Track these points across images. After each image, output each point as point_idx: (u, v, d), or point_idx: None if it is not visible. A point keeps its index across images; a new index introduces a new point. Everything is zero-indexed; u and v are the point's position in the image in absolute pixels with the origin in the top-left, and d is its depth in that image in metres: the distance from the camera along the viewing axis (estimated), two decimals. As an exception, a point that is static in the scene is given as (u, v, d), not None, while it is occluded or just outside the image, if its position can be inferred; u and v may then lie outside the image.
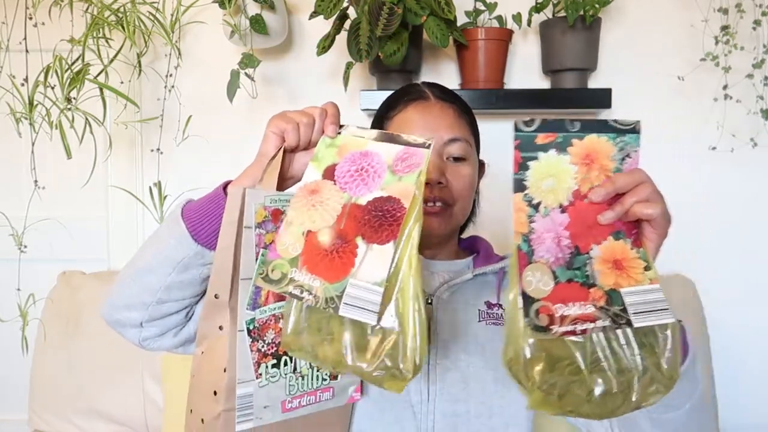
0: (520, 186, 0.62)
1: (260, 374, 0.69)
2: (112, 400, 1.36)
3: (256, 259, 0.68)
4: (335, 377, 0.76)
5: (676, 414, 0.70)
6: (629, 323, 0.58)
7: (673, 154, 1.51)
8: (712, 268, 1.52)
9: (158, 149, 1.45)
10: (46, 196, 1.36)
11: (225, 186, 0.76)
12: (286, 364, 0.71)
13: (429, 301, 0.88)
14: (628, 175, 0.62)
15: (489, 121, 1.54)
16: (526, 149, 0.63)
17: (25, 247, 1.38)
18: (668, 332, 0.59)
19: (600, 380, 0.58)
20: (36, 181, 1.34)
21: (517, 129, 0.63)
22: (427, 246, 0.94)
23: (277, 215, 0.70)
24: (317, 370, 0.74)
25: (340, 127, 0.72)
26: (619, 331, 0.59)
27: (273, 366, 0.70)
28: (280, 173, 0.75)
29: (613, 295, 0.59)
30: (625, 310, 0.59)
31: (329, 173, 0.69)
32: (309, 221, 0.66)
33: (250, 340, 0.69)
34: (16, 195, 1.50)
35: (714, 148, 1.48)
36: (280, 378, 0.71)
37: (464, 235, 1.06)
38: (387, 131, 0.74)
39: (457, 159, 0.90)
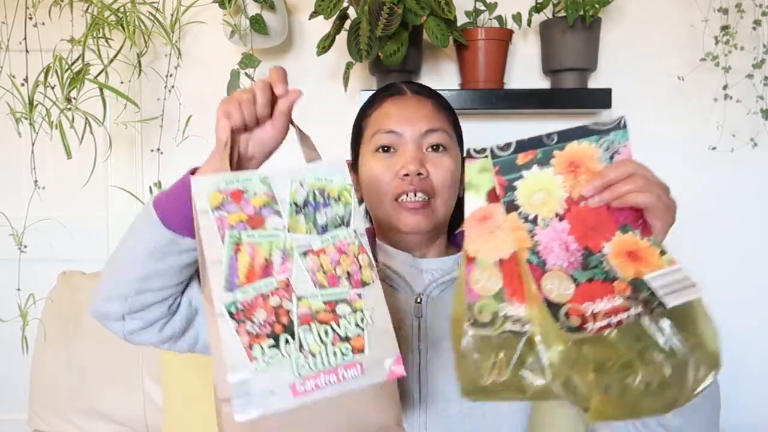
0: (512, 206, 0.62)
1: (255, 357, 0.62)
2: (112, 400, 1.36)
3: (223, 242, 0.64)
4: (360, 350, 0.65)
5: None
6: (662, 305, 0.58)
7: (673, 154, 1.51)
8: (712, 268, 1.52)
9: (158, 149, 1.45)
10: (46, 196, 1.36)
11: (193, 171, 0.76)
12: (287, 342, 0.63)
13: (418, 300, 0.88)
14: (617, 167, 0.62)
15: (489, 121, 1.54)
16: (508, 172, 0.63)
17: (25, 247, 1.38)
18: (701, 308, 0.59)
19: (652, 369, 0.57)
20: (36, 181, 1.34)
21: (494, 156, 0.63)
22: (414, 245, 0.93)
23: (237, 195, 0.66)
24: (333, 345, 0.64)
25: (478, 152, 0.66)
26: (653, 319, 0.58)
27: (271, 347, 0.63)
28: (240, 155, 0.74)
29: (637, 284, 0.59)
30: (653, 294, 0.58)
31: (493, 197, 0.65)
32: (495, 249, 0.63)
33: (235, 323, 0.63)
34: (16, 195, 1.50)
35: (714, 148, 1.48)
36: (283, 359, 0.63)
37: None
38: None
39: (436, 149, 0.89)
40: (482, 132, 1.55)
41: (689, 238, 1.51)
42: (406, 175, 0.86)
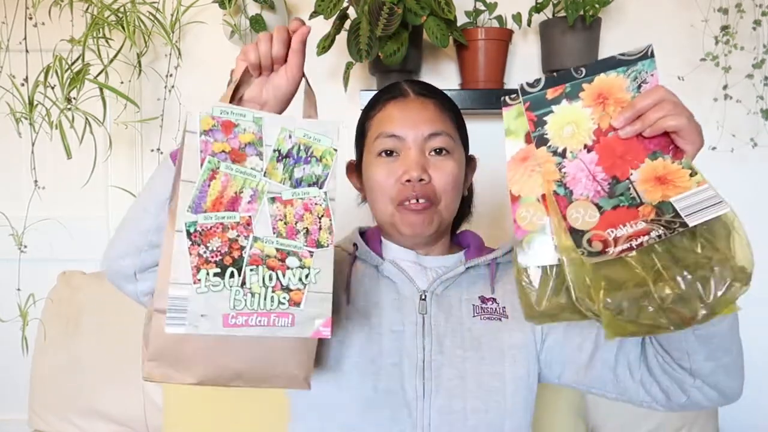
0: (541, 140, 0.64)
1: (199, 279, 0.66)
2: (112, 400, 1.36)
3: (201, 165, 0.67)
4: (297, 303, 0.68)
5: (718, 328, 0.73)
6: (684, 224, 0.59)
7: (673, 154, 1.52)
8: (712, 268, 1.52)
9: (158, 149, 1.45)
10: (46, 196, 1.36)
11: None
12: (232, 276, 0.67)
13: (422, 297, 0.89)
14: (647, 95, 0.63)
15: (489, 121, 1.54)
16: (537, 108, 0.64)
17: (25, 247, 1.38)
18: (731, 225, 0.61)
19: (667, 287, 0.59)
20: (36, 181, 1.34)
21: (523, 93, 0.65)
22: (418, 245, 0.94)
23: (228, 126, 0.69)
24: (273, 291, 0.67)
25: (513, 98, 0.68)
26: (678, 238, 0.60)
27: (216, 275, 0.66)
28: (254, 98, 0.77)
29: (663, 207, 0.61)
30: (677, 215, 0.60)
31: (529, 138, 0.67)
32: (537, 186, 0.65)
33: (190, 242, 0.66)
34: (16, 195, 1.50)
35: (714, 148, 1.48)
36: (224, 289, 0.66)
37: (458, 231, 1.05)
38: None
39: (439, 152, 0.89)
40: (482, 132, 1.55)
41: (689, 238, 1.51)
42: (408, 180, 0.86)
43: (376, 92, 0.98)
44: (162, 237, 0.75)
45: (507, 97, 0.66)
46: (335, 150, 0.72)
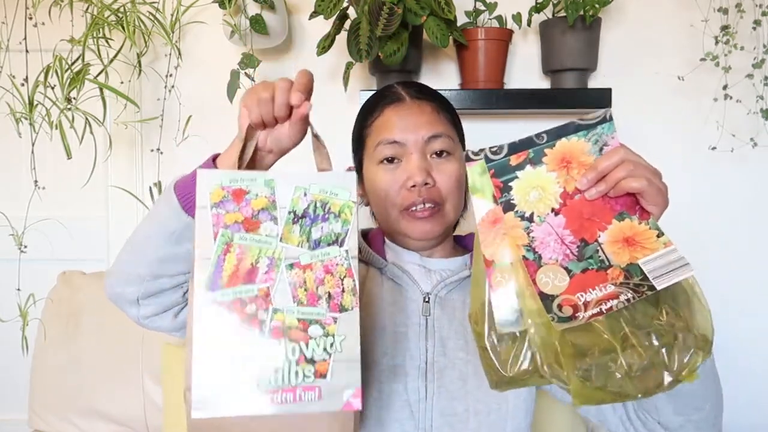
0: (508, 206, 0.64)
1: (221, 360, 0.63)
2: (112, 400, 1.36)
3: (215, 240, 0.64)
4: (323, 375, 0.65)
5: (687, 387, 0.70)
6: (652, 288, 0.59)
7: (673, 154, 1.51)
8: (712, 268, 1.52)
9: (158, 149, 1.45)
10: (46, 196, 1.36)
11: (214, 158, 0.75)
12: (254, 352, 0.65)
13: (426, 299, 0.89)
14: (608, 157, 0.64)
15: (489, 121, 1.54)
16: (502, 174, 0.65)
17: (25, 247, 1.38)
18: (691, 291, 0.61)
19: (635, 355, 0.59)
20: (36, 181, 1.34)
21: (487, 160, 0.65)
22: (423, 247, 0.94)
23: (239, 195, 0.66)
24: (297, 364, 0.64)
25: (476, 153, 0.67)
26: (643, 303, 0.60)
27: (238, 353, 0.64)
28: (258, 147, 0.74)
29: (631, 269, 0.61)
30: (645, 278, 0.60)
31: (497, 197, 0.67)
32: (508, 251, 0.64)
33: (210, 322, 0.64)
34: (16, 195, 1.50)
35: (714, 148, 1.48)
36: (247, 367, 0.64)
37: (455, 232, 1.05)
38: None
39: (440, 155, 0.89)
40: (482, 132, 1.54)
41: (689, 238, 1.50)
42: (413, 186, 0.86)
43: (370, 96, 0.98)
44: (165, 268, 0.75)
45: (470, 152, 0.66)
46: (354, 203, 0.68)
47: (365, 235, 0.99)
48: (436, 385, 0.84)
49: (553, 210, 0.64)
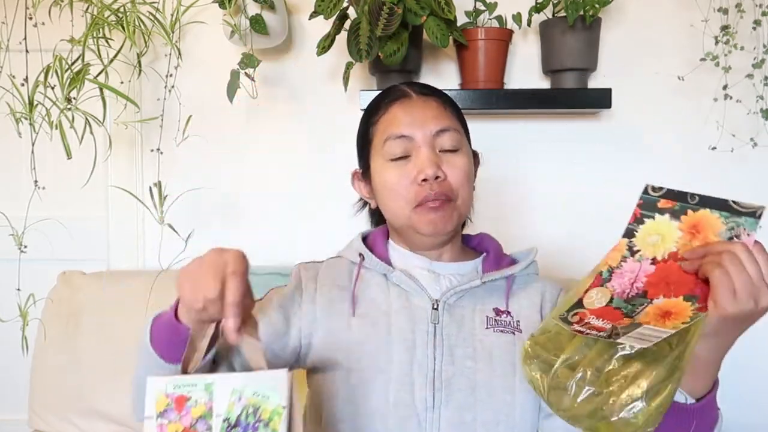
0: (629, 233, 0.68)
1: None
2: (112, 400, 1.36)
3: None
4: None
5: None
6: (617, 336, 0.62)
7: (674, 154, 1.51)
8: (712, 268, 1.52)
9: (158, 149, 1.45)
10: (46, 196, 1.36)
11: (176, 310, 0.73)
12: None
13: (435, 306, 0.87)
14: (726, 244, 0.62)
15: (489, 121, 1.54)
16: (646, 209, 0.68)
17: (25, 247, 1.38)
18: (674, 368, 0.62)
19: (581, 382, 0.64)
20: (36, 181, 1.34)
21: (645, 192, 0.68)
22: (432, 245, 0.92)
23: (180, 402, 0.68)
24: None
25: (655, 190, 0.70)
26: (609, 344, 0.63)
27: None
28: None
29: (635, 326, 0.63)
30: (627, 333, 0.62)
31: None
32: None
33: None
34: (16, 195, 1.50)
35: (714, 148, 1.48)
36: None
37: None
38: None
39: (449, 149, 0.88)
40: (482, 132, 1.54)
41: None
42: (425, 180, 0.85)
43: (374, 96, 0.98)
44: None
45: (649, 187, 0.69)
46: (284, 408, 0.68)
47: (365, 238, 0.98)
48: (444, 394, 0.82)
49: (653, 259, 0.66)
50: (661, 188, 0.67)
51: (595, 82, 1.50)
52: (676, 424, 0.69)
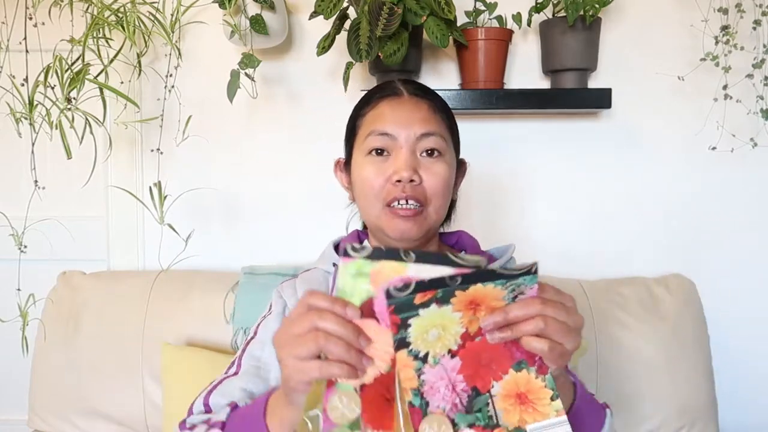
0: (402, 344, 0.59)
1: None
2: (112, 400, 1.36)
3: None
4: None
5: None
6: None
7: (674, 154, 1.51)
8: (712, 268, 1.52)
9: (158, 149, 1.45)
10: (46, 196, 1.36)
11: (268, 397, 0.72)
12: None
13: None
14: (522, 306, 0.59)
15: (489, 121, 1.54)
16: (403, 311, 0.58)
17: (25, 247, 1.38)
18: None
19: None
20: (36, 181, 1.34)
21: (389, 296, 0.58)
22: (407, 246, 0.90)
23: None
24: None
25: (356, 250, 0.58)
26: None
27: None
28: None
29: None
30: None
31: (368, 310, 0.59)
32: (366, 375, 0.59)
33: None
34: (16, 195, 1.50)
35: (714, 148, 1.48)
36: None
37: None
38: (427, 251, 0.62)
39: (431, 154, 0.87)
40: (482, 132, 1.55)
41: (689, 238, 1.50)
42: (399, 181, 0.84)
43: (370, 89, 0.97)
44: None
45: (350, 246, 0.57)
46: None
47: (337, 246, 0.98)
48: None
49: (450, 351, 0.59)
50: (406, 285, 0.57)
51: (595, 82, 1.50)
52: None
